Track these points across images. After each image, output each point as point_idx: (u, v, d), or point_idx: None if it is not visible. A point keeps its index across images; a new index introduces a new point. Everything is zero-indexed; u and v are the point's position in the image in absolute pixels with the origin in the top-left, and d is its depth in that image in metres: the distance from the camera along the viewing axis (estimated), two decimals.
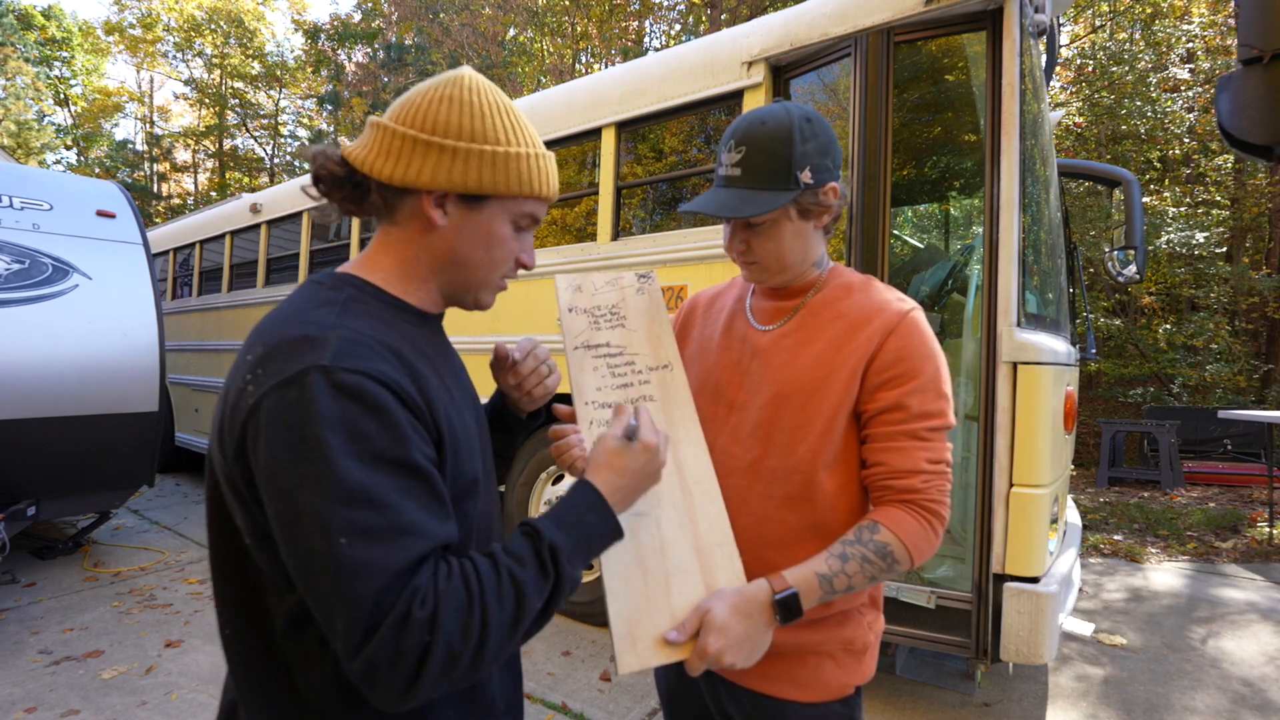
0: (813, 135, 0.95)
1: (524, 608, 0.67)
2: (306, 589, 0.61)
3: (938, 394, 0.94)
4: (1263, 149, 1.06)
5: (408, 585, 0.61)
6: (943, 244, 4.77)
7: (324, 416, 0.60)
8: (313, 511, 0.59)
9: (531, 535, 0.71)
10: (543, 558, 0.69)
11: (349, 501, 0.60)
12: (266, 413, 0.62)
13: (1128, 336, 9.14)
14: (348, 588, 0.59)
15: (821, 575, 0.89)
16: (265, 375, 0.63)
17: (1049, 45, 2.94)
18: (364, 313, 0.72)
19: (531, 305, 3.36)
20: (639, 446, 0.80)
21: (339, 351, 0.64)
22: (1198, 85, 8.74)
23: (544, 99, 3.55)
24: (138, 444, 3.89)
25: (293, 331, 0.66)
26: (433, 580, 0.63)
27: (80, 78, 24.79)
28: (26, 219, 3.69)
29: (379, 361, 0.66)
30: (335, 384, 0.62)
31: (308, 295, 0.74)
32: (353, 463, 0.60)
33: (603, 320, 1.06)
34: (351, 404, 0.62)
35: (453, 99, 0.74)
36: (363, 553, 0.59)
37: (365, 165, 0.74)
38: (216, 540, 0.73)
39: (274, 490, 0.61)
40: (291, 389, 0.61)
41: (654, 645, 0.84)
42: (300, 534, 0.60)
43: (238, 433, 0.64)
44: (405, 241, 0.79)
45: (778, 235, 0.98)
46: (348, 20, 19.91)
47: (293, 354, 0.64)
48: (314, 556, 0.59)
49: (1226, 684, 2.85)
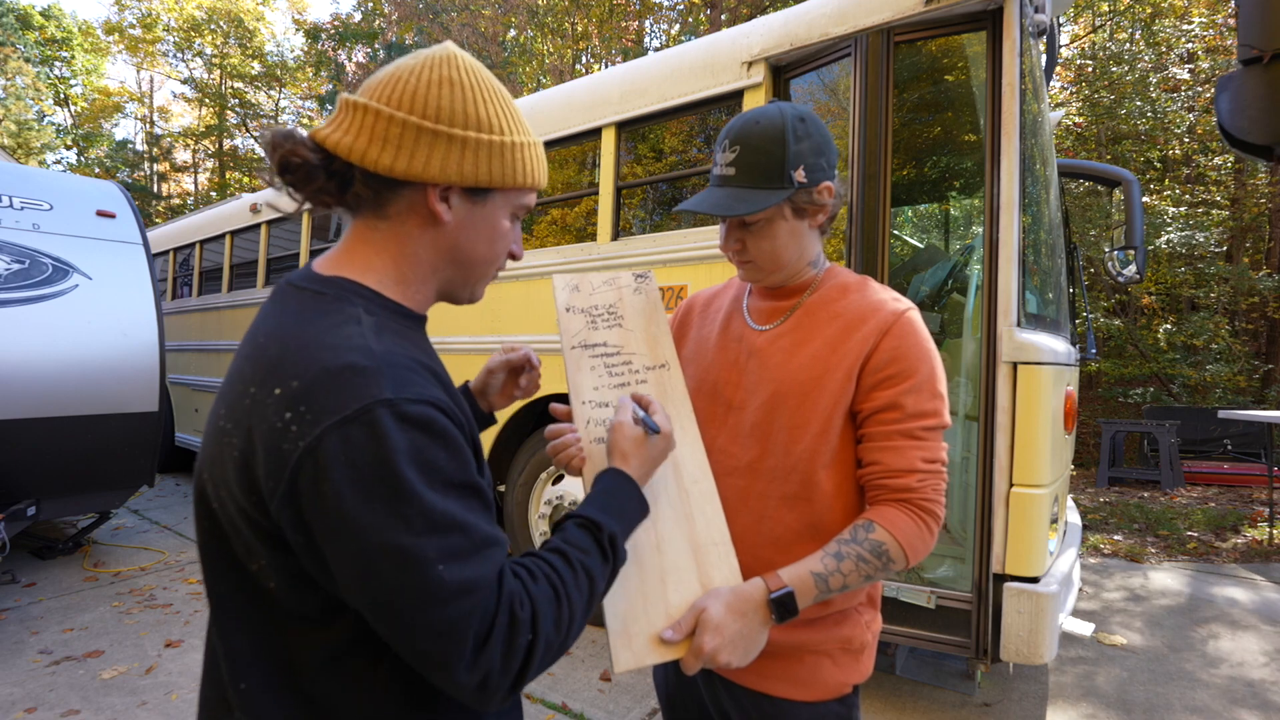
0: (806, 135, 0.96)
1: (595, 593, 0.73)
2: (401, 626, 0.59)
3: (933, 394, 0.94)
4: (1263, 149, 1.07)
5: (502, 592, 0.63)
6: (943, 244, 4.77)
7: (399, 452, 0.58)
8: (401, 548, 0.58)
9: (590, 527, 0.76)
10: (604, 546, 0.76)
11: (438, 530, 0.59)
12: (330, 454, 0.57)
13: (1128, 336, 9.14)
14: (455, 610, 0.59)
15: (817, 574, 0.89)
16: (314, 412, 0.59)
17: (1049, 45, 2.94)
18: (385, 328, 0.68)
19: (531, 305, 3.36)
20: (661, 437, 0.88)
21: (397, 382, 0.62)
22: (1198, 85, 8.74)
23: (544, 99, 3.55)
24: (138, 444, 3.89)
25: (330, 360, 0.61)
26: (522, 584, 0.66)
27: (80, 78, 24.80)
28: (26, 219, 3.69)
29: (431, 387, 0.65)
30: (402, 417, 0.60)
31: (313, 309, 0.67)
32: (432, 493, 0.60)
33: (600, 320, 1.06)
34: (421, 435, 0.61)
35: (453, 82, 0.69)
36: (459, 574, 0.60)
37: (354, 154, 0.67)
38: (226, 589, 0.68)
39: (349, 534, 0.58)
40: (356, 427, 0.58)
41: (650, 644, 0.85)
42: (387, 572, 0.58)
43: (287, 477, 0.59)
44: (401, 238, 0.73)
45: (772, 234, 0.99)
46: (348, 20, 19.91)
47: (344, 388, 0.59)
48: (409, 591, 0.58)
49: (1226, 684, 2.85)
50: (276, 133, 0.68)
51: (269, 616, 0.66)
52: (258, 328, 0.69)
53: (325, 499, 0.58)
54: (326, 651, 0.66)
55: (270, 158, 0.68)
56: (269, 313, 0.70)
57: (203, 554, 0.69)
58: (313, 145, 0.68)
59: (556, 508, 3.24)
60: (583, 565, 0.72)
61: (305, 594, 0.65)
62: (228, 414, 0.65)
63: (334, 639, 0.66)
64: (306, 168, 0.68)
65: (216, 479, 0.65)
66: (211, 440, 0.66)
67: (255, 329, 0.69)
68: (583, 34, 14.26)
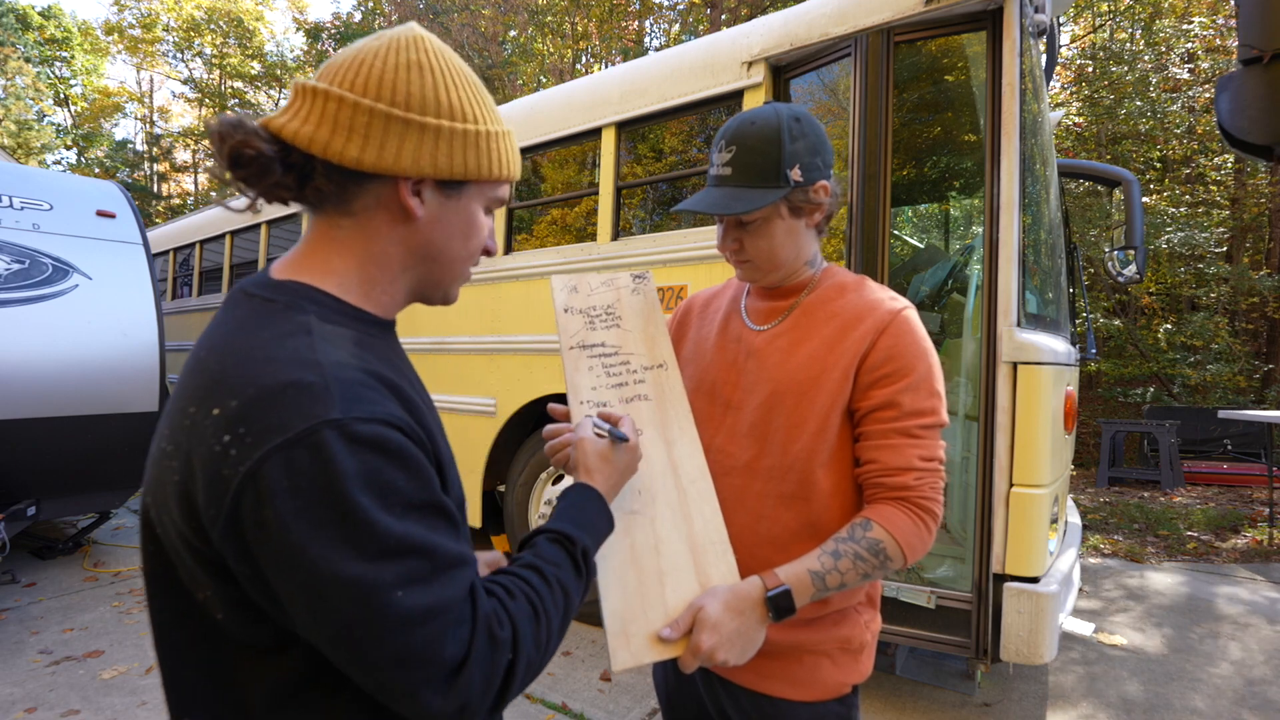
0: (801, 134, 0.97)
1: (570, 608, 0.71)
2: (359, 657, 0.55)
3: (930, 392, 0.95)
4: (1263, 149, 1.07)
5: (478, 614, 0.60)
6: (943, 244, 4.78)
7: (348, 476, 0.53)
8: (353, 578, 0.53)
9: (563, 541, 0.75)
10: (577, 560, 0.74)
11: (393, 555, 0.55)
12: (271, 480, 0.53)
13: (1128, 336, 9.15)
14: (419, 636, 0.55)
15: (814, 572, 0.89)
16: (254, 435, 0.53)
17: (1049, 45, 2.94)
18: (338, 338, 0.62)
19: (531, 305, 3.36)
20: (624, 447, 0.87)
21: (345, 399, 0.56)
22: (1198, 85, 8.74)
23: (544, 99, 3.55)
24: (138, 444, 3.88)
25: (270, 376, 0.56)
26: (499, 602, 0.64)
27: (80, 78, 24.81)
28: (26, 219, 3.69)
29: (386, 402, 0.60)
30: (351, 437, 0.55)
31: (259, 318, 0.61)
32: (387, 517, 0.55)
33: (598, 320, 1.07)
34: (373, 456, 0.56)
35: (422, 67, 0.64)
36: (421, 599, 0.56)
37: (315, 145, 0.61)
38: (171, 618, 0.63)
39: (292, 562, 0.53)
40: (299, 450, 0.53)
41: (648, 642, 0.85)
42: (342, 603, 0.53)
43: (228, 505, 0.54)
44: (367, 236, 0.67)
45: (769, 233, 0.99)
46: (348, 20, 19.91)
47: (286, 407, 0.54)
48: (364, 623, 0.54)
49: (1226, 684, 2.85)
50: (224, 121, 0.61)
51: (218, 647, 0.62)
52: (203, 339, 0.63)
53: (269, 528, 0.53)
54: (280, 683, 0.62)
55: (218, 150, 0.61)
56: (217, 322, 0.64)
57: (147, 581, 0.64)
58: (267, 135, 0.61)
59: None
60: (559, 581, 0.70)
61: (255, 625, 0.60)
62: (169, 435, 0.59)
63: (288, 669, 0.61)
64: (260, 160, 0.61)
65: (159, 504, 0.60)
66: (153, 463, 0.61)
67: (201, 340, 0.63)
68: (583, 34, 14.27)
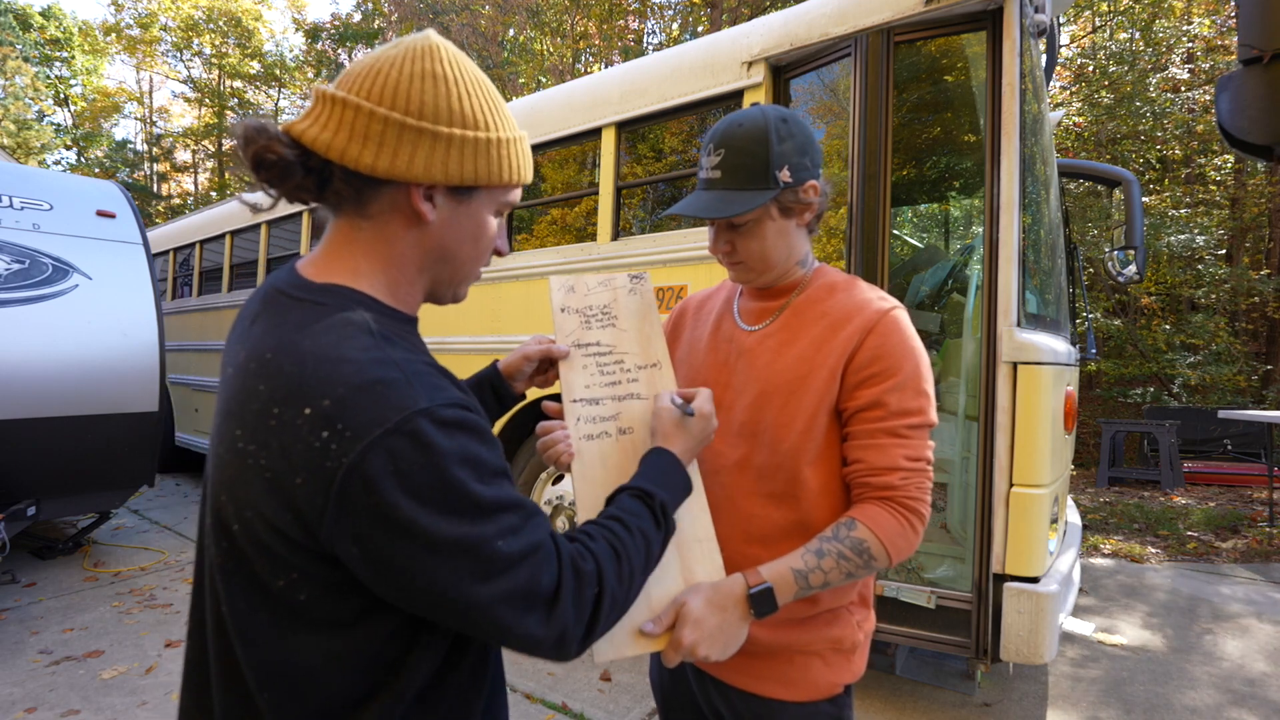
0: (789, 135, 0.97)
1: (651, 555, 0.79)
2: (468, 610, 0.62)
3: (917, 391, 0.95)
4: (1263, 149, 1.07)
5: (562, 552, 0.69)
6: (943, 244, 4.78)
7: (448, 456, 0.61)
8: (461, 538, 0.61)
9: (644, 496, 0.82)
10: (656, 513, 0.81)
11: (491, 514, 0.64)
12: (378, 467, 0.58)
13: (1127, 337, 9.15)
14: (521, 574, 0.64)
15: (797, 571, 0.90)
16: (353, 429, 0.59)
17: (1049, 45, 2.94)
18: (393, 336, 0.67)
19: (531, 305, 3.36)
20: (699, 417, 0.93)
21: (427, 389, 0.63)
22: (1198, 86, 8.74)
23: (544, 99, 3.55)
24: (138, 444, 3.89)
25: (356, 375, 0.61)
26: (582, 544, 0.72)
27: (80, 78, 24.81)
28: (26, 219, 3.68)
29: (452, 389, 0.67)
30: (441, 422, 0.62)
31: (319, 321, 0.65)
32: (481, 487, 0.63)
33: (594, 320, 1.08)
34: (462, 435, 0.64)
35: (436, 76, 0.67)
36: (517, 544, 0.65)
37: (332, 151, 0.65)
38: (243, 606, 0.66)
39: (408, 536, 0.59)
40: (399, 439, 0.59)
41: (630, 636, 0.86)
42: (454, 562, 0.61)
43: (334, 493, 0.59)
44: (385, 239, 0.71)
45: (761, 234, 1.00)
46: (348, 20, 19.90)
47: (379, 402, 0.60)
48: (475, 571, 0.62)
49: (1226, 684, 2.86)
50: (249, 126, 0.65)
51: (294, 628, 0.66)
52: (260, 341, 0.66)
53: (380, 510, 0.58)
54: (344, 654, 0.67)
55: (243, 153, 0.65)
56: (269, 325, 0.67)
57: (220, 574, 0.67)
58: (288, 140, 0.65)
59: (557, 508, 3.24)
60: (639, 529, 0.78)
61: (340, 601, 0.66)
62: (249, 435, 0.63)
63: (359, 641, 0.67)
64: (282, 164, 0.65)
65: (239, 500, 0.64)
66: (231, 462, 0.64)
67: (257, 342, 0.66)
68: (582, 34, 14.26)
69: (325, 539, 0.61)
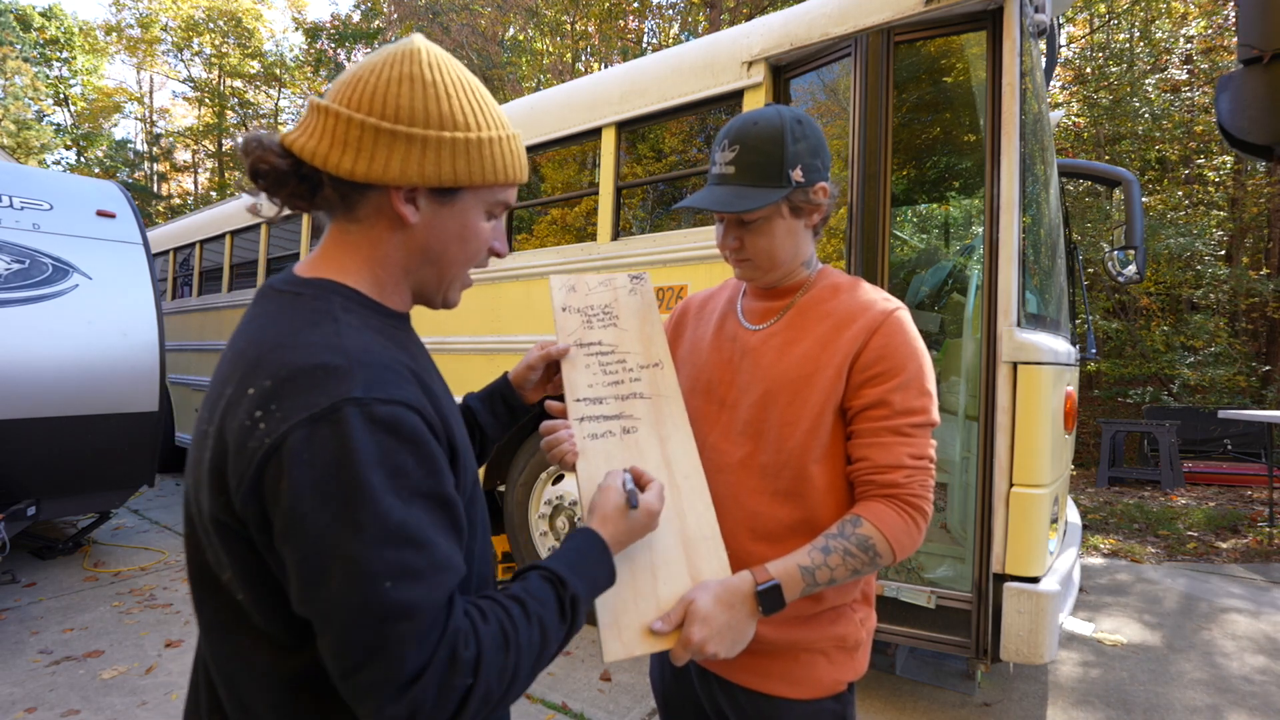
0: (804, 136, 0.99)
1: (545, 652, 0.68)
2: (336, 639, 0.56)
3: (920, 391, 0.96)
4: (1263, 149, 1.07)
5: (447, 625, 0.59)
6: (943, 244, 4.78)
7: (363, 453, 0.56)
8: (350, 556, 0.55)
9: (555, 582, 0.72)
10: (564, 605, 0.71)
11: (391, 542, 0.56)
12: (293, 451, 0.56)
13: (1127, 337, 9.15)
14: (392, 631, 0.56)
15: (804, 568, 0.91)
16: (283, 410, 0.57)
17: (1049, 45, 2.94)
18: (361, 326, 0.67)
19: (531, 304, 3.36)
20: (643, 511, 0.85)
21: (369, 380, 0.60)
22: (1197, 87, 8.74)
23: (544, 99, 3.55)
24: (138, 444, 3.89)
25: (303, 359, 0.60)
26: (471, 623, 0.62)
27: (80, 78, 24.79)
28: (26, 219, 3.68)
29: (405, 386, 0.63)
30: (371, 417, 0.58)
31: (289, 310, 0.67)
32: (394, 500, 0.57)
33: (595, 320, 1.08)
34: (389, 438, 0.59)
35: (413, 79, 0.67)
36: (406, 594, 0.56)
37: (317, 158, 0.66)
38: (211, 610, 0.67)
39: (300, 535, 0.56)
40: (322, 426, 0.56)
41: (639, 634, 0.87)
42: (333, 580, 0.55)
43: (250, 474, 0.57)
44: (372, 241, 0.72)
45: (770, 232, 1.01)
46: (347, 20, 19.89)
47: (314, 385, 0.58)
48: (350, 605, 0.55)
49: (1226, 684, 2.86)
50: (248, 139, 0.68)
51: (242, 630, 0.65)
52: (239, 332, 0.68)
53: (283, 497, 0.56)
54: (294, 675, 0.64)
55: (244, 163, 0.68)
56: (250, 316, 0.69)
57: (189, 571, 0.68)
58: (280, 150, 0.68)
59: (557, 508, 3.24)
60: (539, 619, 0.67)
61: (272, 610, 0.62)
62: (208, 416, 0.64)
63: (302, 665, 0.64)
64: (276, 173, 0.67)
65: (195, 483, 0.64)
66: (193, 444, 0.66)
67: (237, 333, 0.69)
68: (582, 33, 14.26)
69: (242, 521, 0.59)
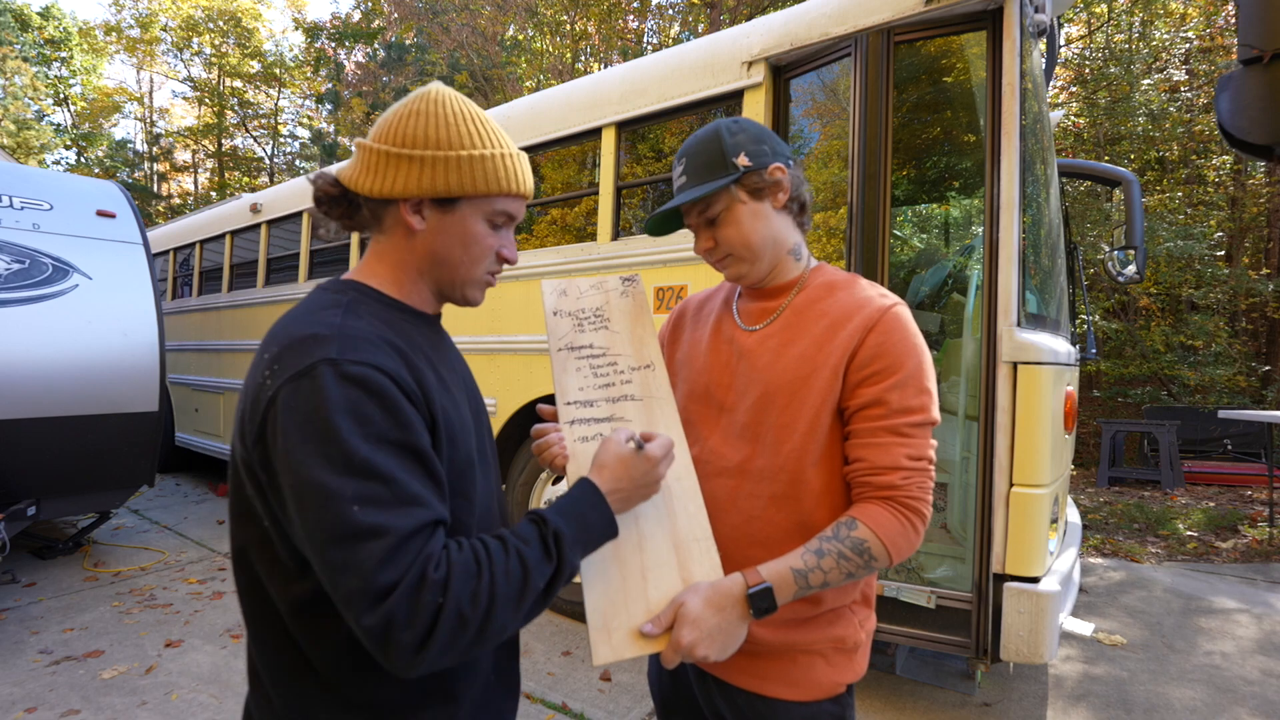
0: (740, 130, 1.02)
1: (528, 585, 0.73)
2: (321, 560, 0.66)
3: (919, 389, 0.94)
4: (1263, 149, 1.07)
5: (420, 550, 0.67)
6: (943, 244, 4.77)
7: (332, 402, 0.68)
8: (323, 484, 0.65)
9: (537, 521, 0.79)
10: (547, 541, 0.77)
11: (358, 474, 0.66)
12: (283, 402, 0.69)
13: (1127, 337, 9.15)
14: (363, 549, 0.65)
15: (797, 570, 0.90)
16: (280, 370, 0.71)
17: (1049, 45, 2.94)
18: (366, 313, 0.79)
19: (531, 305, 3.36)
20: (642, 456, 0.87)
21: (343, 346, 0.72)
22: (1196, 87, 8.74)
23: (544, 99, 3.55)
24: (138, 444, 3.88)
25: (302, 331, 0.74)
26: (445, 550, 0.70)
27: (79, 78, 24.76)
28: (26, 219, 3.68)
29: (380, 354, 0.73)
30: (341, 374, 0.69)
31: (314, 300, 0.82)
32: (359, 441, 0.67)
33: (587, 323, 1.08)
34: (356, 390, 0.69)
35: (421, 113, 0.81)
36: (372, 518, 0.65)
37: (353, 184, 0.83)
38: (237, 534, 0.80)
39: (287, 470, 0.68)
40: (304, 380, 0.69)
41: (629, 637, 0.86)
42: (313, 505, 0.66)
43: (258, 422, 0.71)
44: (394, 248, 0.86)
45: (735, 220, 1.02)
46: (347, 19, 19.88)
47: (303, 350, 0.71)
48: (327, 525, 0.65)
49: (1226, 683, 2.86)
50: (315, 175, 0.86)
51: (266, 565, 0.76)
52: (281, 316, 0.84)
53: (276, 440, 0.69)
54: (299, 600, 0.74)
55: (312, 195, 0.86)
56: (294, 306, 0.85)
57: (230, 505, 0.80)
58: (332, 180, 0.85)
59: None
60: (518, 552, 0.74)
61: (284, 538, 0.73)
62: (248, 378, 0.78)
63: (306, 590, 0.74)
64: (329, 199, 0.85)
65: (237, 430, 0.77)
66: (239, 400, 0.79)
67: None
68: (582, 34, 14.27)
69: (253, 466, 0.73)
